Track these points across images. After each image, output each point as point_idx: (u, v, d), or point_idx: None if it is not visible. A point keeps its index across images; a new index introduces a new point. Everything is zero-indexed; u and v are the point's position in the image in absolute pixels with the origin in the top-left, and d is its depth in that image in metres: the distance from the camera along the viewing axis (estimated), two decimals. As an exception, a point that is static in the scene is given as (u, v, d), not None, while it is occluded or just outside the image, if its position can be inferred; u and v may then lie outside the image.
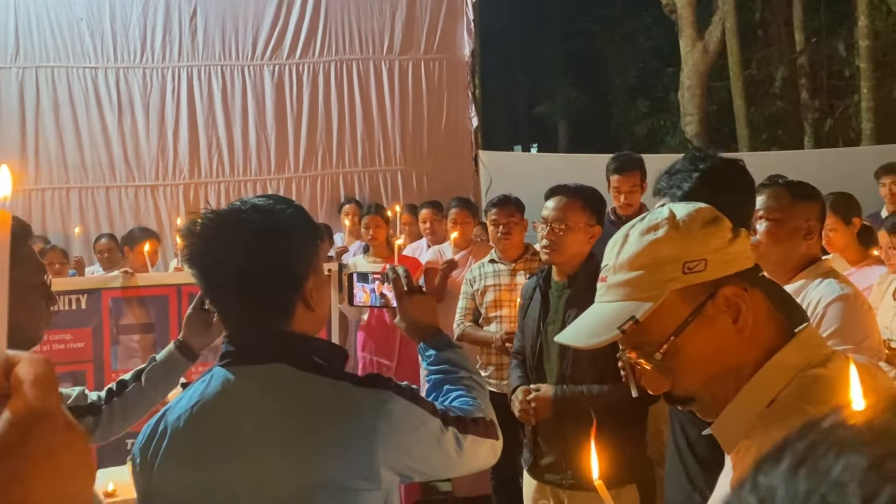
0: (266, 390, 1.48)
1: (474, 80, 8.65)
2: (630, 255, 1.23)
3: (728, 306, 1.19)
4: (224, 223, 1.51)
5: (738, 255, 1.22)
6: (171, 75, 7.70)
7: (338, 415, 1.44)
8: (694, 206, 1.26)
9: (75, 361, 3.92)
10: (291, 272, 1.52)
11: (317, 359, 1.51)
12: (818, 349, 1.22)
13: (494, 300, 4.37)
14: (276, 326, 1.51)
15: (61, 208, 7.46)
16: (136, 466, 1.55)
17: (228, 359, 1.54)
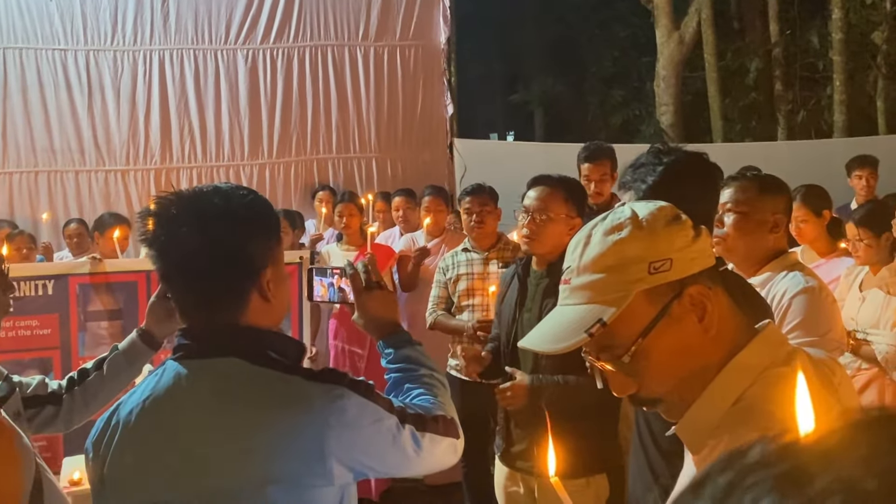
0: (217, 385, 1.46)
1: (450, 67, 8.62)
2: (594, 256, 1.21)
3: (694, 305, 1.18)
4: (183, 204, 1.49)
5: (702, 252, 1.22)
6: (143, 59, 7.59)
7: (288, 410, 1.42)
8: (655, 205, 1.25)
9: (42, 348, 3.87)
10: (248, 260, 1.49)
11: (271, 353, 1.49)
12: (781, 347, 1.22)
13: (467, 289, 4.37)
14: (231, 317, 1.49)
15: (30, 192, 7.34)
16: (89, 460, 1.53)
17: (181, 352, 1.52)
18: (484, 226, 4.32)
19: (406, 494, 5.20)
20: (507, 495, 3.11)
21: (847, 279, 3.96)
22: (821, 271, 4.07)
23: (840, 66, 12.37)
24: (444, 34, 8.41)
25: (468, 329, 4.19)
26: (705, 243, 1.23)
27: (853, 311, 3.79)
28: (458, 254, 4.48)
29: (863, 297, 3.80)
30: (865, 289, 3.82)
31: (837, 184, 6.40)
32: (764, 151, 9.79)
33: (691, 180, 2.04)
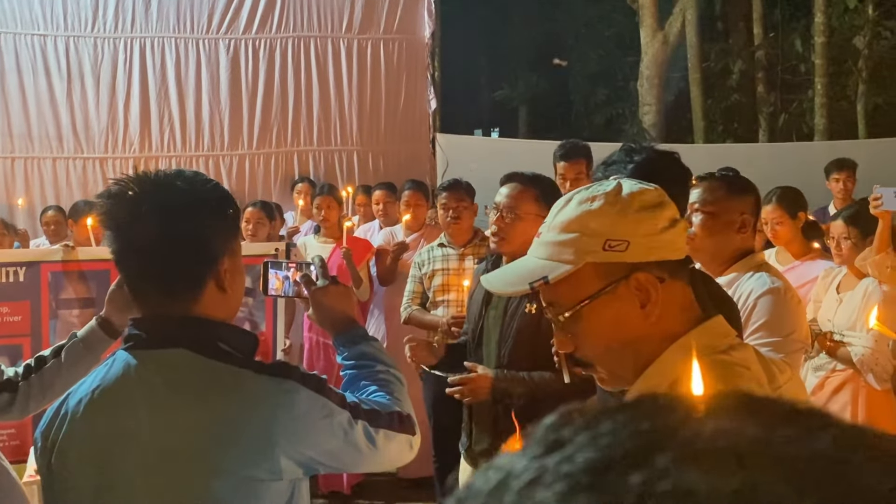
0: (165, 376, 1.45)
1: (434, 62, 8.61)
2: (564, 218, 1.27)
3: (639, 290, 1.22)
4: (144, 187, 1.47)
5: (667, 245, 1.24)
6: (124, 46, 7.54)
7: (236, 403, 1.41)
8: (642, 187, 1.28)
9: (12, 335, 3.83)
10: (206, 246, 1.48)
11: (221, 345, 1.47)
12: (723, 338, 1.25)
13: (442, 284, 4.37)
14: (185, 306, 1.47)
15: (6, 178, 7.28)
16: (38, 449, 1.52)
17: (131, 342, 1.51)
18: (460, 221, 4.32)
19: (378, 488, 5.20)
20: None
21: (824, 281, 3.98)
22: (796, 273, 4.11)
23: (822, 70, 12.46)
24: (428, 29, 8.39)
25: (442, 325, 4.18)
26: (676, 236, 1.25)
27: (830, 312, 3.81)
28: (433, 249, 4.48)
29: (840, 298, 3.82)
30: (843, 291, 3.85)
31: (817, 187, 6.45)
32: (744, 153, 9.85)
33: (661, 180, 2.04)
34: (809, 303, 3.95)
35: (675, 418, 0.35)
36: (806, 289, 4.03)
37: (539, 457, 0.34)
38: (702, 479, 0.31)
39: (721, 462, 0.32)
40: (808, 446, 0.33)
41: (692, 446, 0.33)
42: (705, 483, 0.31)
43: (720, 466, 0.32)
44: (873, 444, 0.34)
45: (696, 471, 0.32)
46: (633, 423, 0.34)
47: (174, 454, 1.39)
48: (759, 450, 0.32)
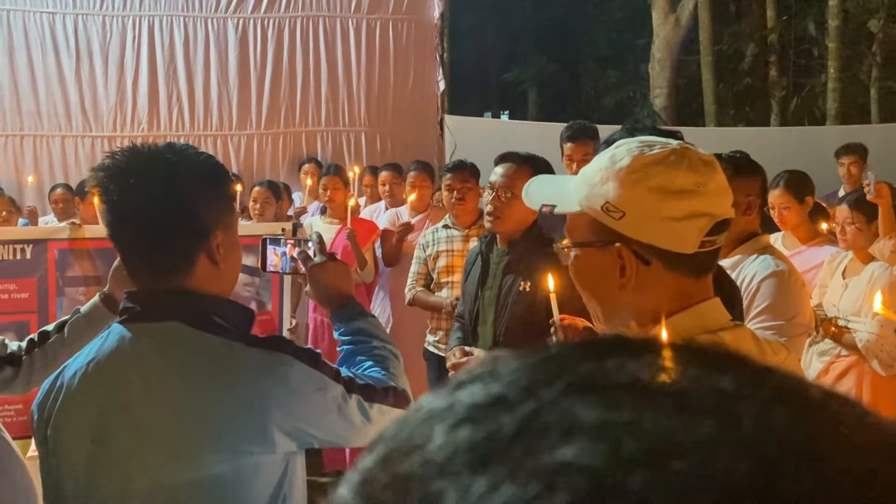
0: (159, 349, 1.45)
1: (443, 43, 8.57)
2: (597, 160, 1.26)
3: (618, 260, 1.21)
4: (135, 158, 1.46)
5: (668, 234, 1.19)
6: (132, 24, 7.53)
7: (229, 376, 1.41)
8: (679, 169, 1.19)
9: (19, 312, 3.85)
10: (197, 219, 1.47)
11: (216, 318, 1.47)
12: (714, 320, 1.24)
13: (447, 266, 4.36)
14: (177, 280, 1.47)
15: (15, 156, 7.30)
16: (34, 422, 1.53)
17: (126, 315, 1.51)
18: (465, 203, 4.30)
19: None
20: None
21: (830, 266, 3.96)
22: (803, 258, 4.09)
23: (835, 54, 12.35)
24: (437, 9, 8.35)
25: (446, 306, 4.18)
26: (686, 231, 1.19)
27: (835, 297, 3.79)
28: (438, 230, 4.47)
29: (845, 283, 3.80)
30: (849, 276, 3.83)
31: (828, 171, 6.41)
32: (755, 137, 9.79)
33: None
34: (815, 288, 3.94)
35: (582, 354, 0.34)
36: (812, 273, 4.01)
37: (450, 393, 0.34)
38: (588, 411, 0.30)
39: (613, 396, 0.31)
40: (711, 384, 0.32)
41: (589, 380, 0.32)
42: (590, 415, 0.30)
43: (611, 400, 0.31)
44: (783, 384, 0.33)
45: (584, 402, 0.31)
46: (543, 361, 0.34)
47: (168, 427, 1.40)
48: (655, 386, 0.32)
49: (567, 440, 0.29)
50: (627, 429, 0.29)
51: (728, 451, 0.29)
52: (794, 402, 0.32)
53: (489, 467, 0.29)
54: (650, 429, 0.29)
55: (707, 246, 1.20)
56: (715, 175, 1.22)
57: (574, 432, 0.30)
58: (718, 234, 1.22)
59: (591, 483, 0.28)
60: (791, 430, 0.30)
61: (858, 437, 0.31)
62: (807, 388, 0.33)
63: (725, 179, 1.24)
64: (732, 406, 0.31)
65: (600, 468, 0.28)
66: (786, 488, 0.28)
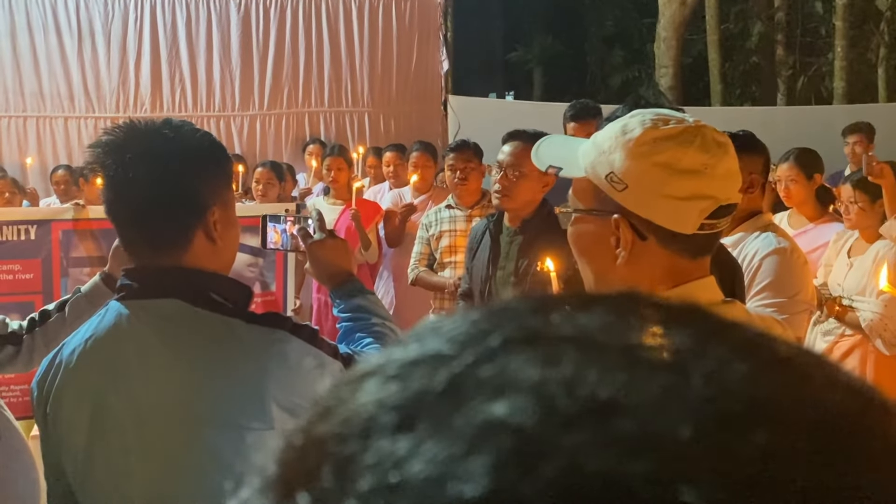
0: (157, 326, 1.45)
1: (446, 22, 8.52)
2: (609, 129, 1.23)
3: (614, 231, 1.20)
4: (132, 134, 1.46)
5: (668, 212, 1.17)
6: (134, 4, 7.51)
7: (228, 353, 1.41)
8: (690, 148, 1.16)
9: (24, 292, 3.86)
10: (194, 195, 1.47)
11: (214, 295, 1.47)
12: (706, 297, 1.22)
13: (449, 246, 4.36)
14: (174, 256, 1.47)
15: (18, 137, 7.31)
16: (33, 400, 1.53)
17: (123, 292, 1.51)
18: (467, 183, 4.29)
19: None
20: None
21: (836, 245, 3.94)
22: (809, 236, 4.07)
23: (842, 32, 12.24)
24: (441, -11, 8.31)
25: (449, 286, 4.18)
26: (687, 212, 1.17)
27: (840, 277, 3.78)
28: (441, 210, 4.47)
29: (850, 263, 3.79)
30: (854, 255, 3.81)
31: (834, 151, 6.37)
32: (761, 116, 9.73)
33: None
34: (821, 267, 3.93)
35: (531, 308, 0.32)
36: (819, 252, 4.00)
37: (388, 351, 0.32)
38: (525, 366, 0.28)
39: (555, 350, 0.29)
40: (667, 339, 0.30)
41: (531, 334, 0.30)
42: (527, 370, 0.28)
43: (552, 354, 0.29)
44: (746, 339, 0.31)
45: (523, 357, 0.29)
46: (487, 315, 0.32)
47: (166, 403, 1.40)
48: (604, 340, 0.30)
49: (498, 397, 0.27)
50: (565, 385, 0.27)
51: (674, 409, 0.27)
52: (754, 358, 0.30)
53: (412, 427, 0.27)
54: (590, 386, 0.27)
55: (707, 229, 1.19)
56: (726, 158, 1.19)
57: (507, 389, 0.28)
58: (721, 218, 1.20)
59: (519, 442, 0.26)
60: (745, 388, 0.28)
61: (822, 395, 0.29)
62: (773, 344, 0.31)
63: (737, 164, 1.22)
64: (686, 362, 0.29)
65: (530, 427, 0.26)
66: (733, 448, 0.26)
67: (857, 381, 0.31)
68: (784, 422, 0.27)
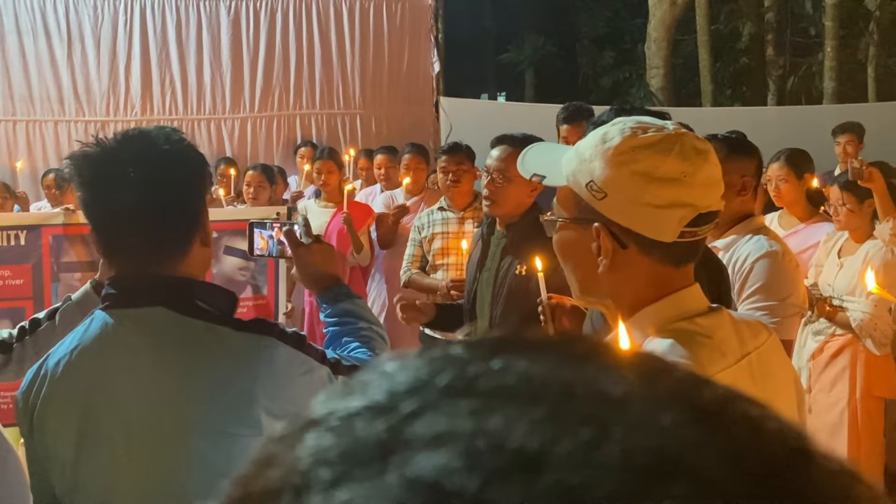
0: (143, 334, 1.45)
1: (437, 23, 8.52)
2: (589, 136, 1.24)
3: (595, 239, 1.20)
4: (126, 148, 1.45)
5: (648, 221, 1.17)
6: (124, 7, 7.47)
7: (215, 360, 1.41)
8: (667, 156, 1.16)
9: (14, 298, 3.84)
10: (192, 205, 1.49)
11: (199, 302, 1.47)
12: (690, 308, 1.22)
13: (442, 248, 4.37)
14: (173, 263, 1.47)
15: (7, 141, 7.27)
16: (18, 411, 1.53)
17: (108, 302, 1.50)
18: (459, 185, 4.29)
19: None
20: None
21: (826, 245, 3.96)
22: (800, 236, 4.08)
23: (832, 32, 12.30)
24: (431, -10, 8.31)
25: (442, 288, 4.18)
26: (666, 220, 1.16)
27: (830, 277, 3.80)
28: (433, 213, 4.47)
29: (840, 263, 3.81)
30: (844, 255, 3.83)
31: (825, 150, 6.39)
32: (752, 116, 9.77)
33: None
34: (811, 267, 3.94)
35: (472, 354, 0.32)
36: (809, 253, 4.01)
37: (335, 398, 0.33)
38: (456, 420, 0.29)
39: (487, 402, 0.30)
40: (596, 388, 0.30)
41: (467, 384, 0.31)
42: (458, 424, 0.29)
43: (484, 406, 0.29)
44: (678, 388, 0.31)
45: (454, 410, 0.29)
46: (429, 363, 0.32)
47: (154, 413, 1.40)
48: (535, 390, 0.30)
49: (429, 451, 0.28)
50: (492, 440, 0.28)
51: (592, 465, 0.27)
52: (678, 410, 0.30)
53: (346, 483, 0.28)
54: (516, 440, 0.28)
55: (687, 236, 1.18)
56: (705, 165, 1.19)
57: (437, 443, 0.28)
58: (702, 225, 1.19)
59: (444, 499, 0.27)
60: (664, 442, 0.28)
61: (743, 448, 0.29)
62: (702, 393, 0.31)
63: (718, 171, 1.22)
64: (611, 415, 0.29)
65: (456, 483, 0.27)
66: None
67: (786, 428, 0.31)
68: (699, 478, 0.27)
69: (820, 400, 3.72)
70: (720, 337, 1.19)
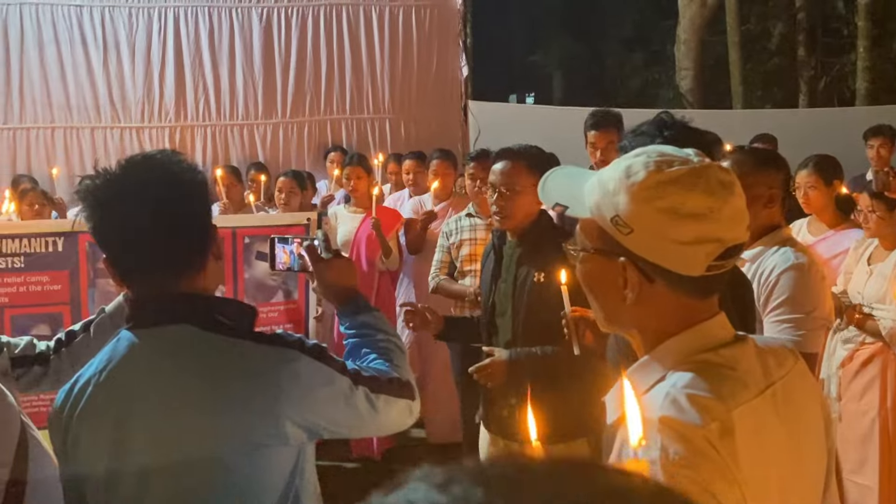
0: (169, 352, 1.50)
1: (466, 28, 8.55)
2: (613, 167, 1.23)
3: (621, 272, 1.20)
4: (131, 169, 1.50)
5: (675, 256, 1.17)
6: (158, 15, 7.59)
7: (240, 373, 1.46)
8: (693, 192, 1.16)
9: (52, 303, 3.93)
10: (205, 223, 1.55)
11: (221, 318, 1.52)
12: (716, 338, 1.22)
13: (470, 254, 4.40)
14: (190, 280, 1.52)
15: (46, 148, 7.42)
16: (52, 430, 1.58)
17: (133, 322, 1.56)
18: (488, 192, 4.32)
19: (409, 453, 5.28)
20: None
21: (856, 252, 3.93)
22: (829, 243, 4.07)
23: (865, 32, 12.14)
24: (460, -6, 8.34)
25: (469, 294, 4.22)
26: (694, 256, 1.16)
27: (860, 284, 3.77)
28: (461, 219, 4.51)
29: (870, 270, 3.78)
30: (874, 262, 3.80)
31: (857, 153, 6.33)
32: (782, 119, 9.66)
33: None
34: (841, 274, 3.92)
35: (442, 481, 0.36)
36: (839, 259, 3.99)
37: None
38: None
39: None
40: None
41: None
42: None
43: None
44: None
45: None
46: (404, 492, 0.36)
47: (184, 429, 1.45)
48: None
49: None
50: None
51: None
52: None
53: None
54: None
55: (714, 270, 1.18)
56: (731, 199, 1.18)
57: None
58: (729, 258, 1.19)
59: None
60: None
61: None
62: None
63: (743, 202, 1.20)
64: None
65: None
66: None
67: None
68: None
69: (850, 409, 3.69)
70: (744, 368, 1.19)
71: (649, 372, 1.21)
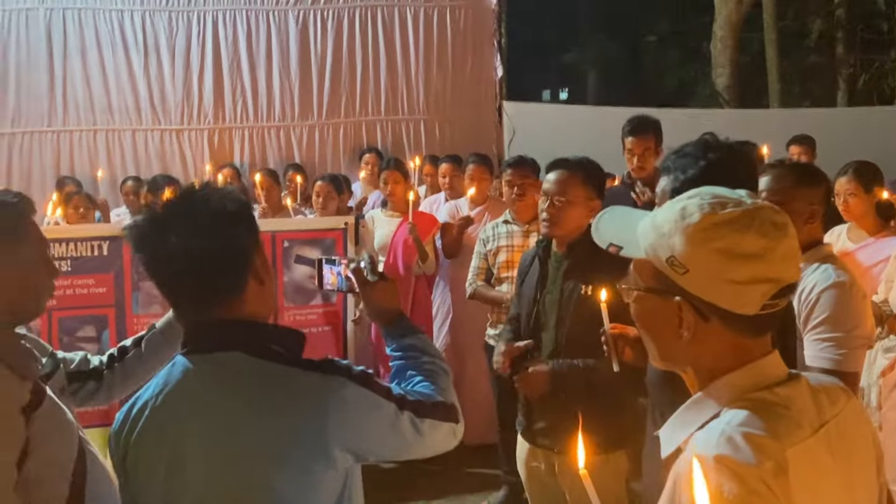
0: (222, 378, 1.55)
1: (500, 28, 8.56)
2: (667, 209, 1.27)
3: (677, 312, 1.23)
4: (175, 211, 1.57)
5: (730, 296, 1.20)
6: (197, 19, 7.72)
7: (290, 401, 1.51)
8: (749, 234, 1.19)
9: (98, 306, 4.03)
10: (245, 253, 1.58)
11: (272, 345, 1.57)
12: (770, 377, 1.24)
13: (507, 261, 4.42)
14: (231, 306, 1.57)
15: (89, 150, 7.59)
16: (111, 451, 1.64)
17: (187, 347, 1.61)
18: (525, 198, 4.34)
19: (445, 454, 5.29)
20: (529, 470, 3.17)
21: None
22: (869, 250, 4.03)
23: (906, 29, 11.93)
24: (495, -5, 8.35)
25: (506, 300, 4.24)
26: (749, 295, 1.19)
27: (901, 293, 3.74)
28: (498, 225, 4.53)
29: (911, 279, 3.75)
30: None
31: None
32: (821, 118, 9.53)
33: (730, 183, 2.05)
34: (882, 282, 3.89)
35: None
36: (879, 267, 3.96)
37: None
38: None
39: None
40: None
41: None
42: None
43: None
44: None
45: None
46: None
47: (237, 454, 1.50)
48: None
49: None
50: None
51: None
52: None
53: None
54: None
55: (769, 308, 1.21)
56: (784, 240, 1.21)
57: None
58: (783, 297, 1.22)
59: None
60: None
61: None
62: None
63: (796, 242, 1.24)
64: None
65: None
66: None
67: None
68: None
69: (891, 418, 3.66)
70: (798, 407, 1.22)
71: (703, 408, 1.23)
